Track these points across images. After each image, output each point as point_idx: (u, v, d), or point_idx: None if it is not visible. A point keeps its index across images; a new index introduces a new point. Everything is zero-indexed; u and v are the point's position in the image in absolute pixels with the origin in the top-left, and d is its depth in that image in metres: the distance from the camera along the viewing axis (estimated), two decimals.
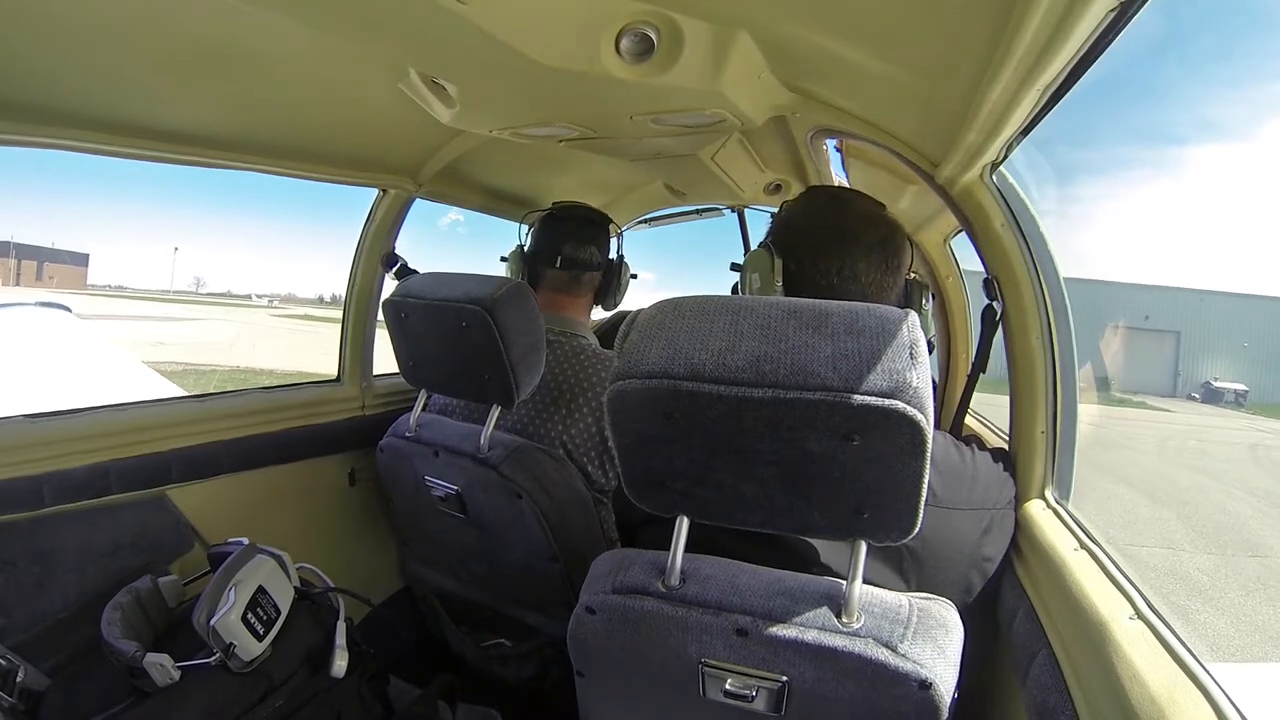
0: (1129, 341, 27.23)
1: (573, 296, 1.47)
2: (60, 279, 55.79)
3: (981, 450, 0.89)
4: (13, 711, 0.85)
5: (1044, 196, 0.92)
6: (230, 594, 0.91)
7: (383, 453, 1.33)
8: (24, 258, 55.81)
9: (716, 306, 0.63)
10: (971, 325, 1.82)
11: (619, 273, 1.54)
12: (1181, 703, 0.52)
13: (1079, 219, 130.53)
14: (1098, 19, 0.52)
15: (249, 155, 1.23)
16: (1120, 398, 22.82)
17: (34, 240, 67.66)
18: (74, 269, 60.15)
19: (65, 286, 52.39)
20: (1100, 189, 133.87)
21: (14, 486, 1.04)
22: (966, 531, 0.80)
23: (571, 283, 1.46)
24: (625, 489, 0.69)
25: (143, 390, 3.66)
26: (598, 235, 1.50)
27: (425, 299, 1.20)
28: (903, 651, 0.60)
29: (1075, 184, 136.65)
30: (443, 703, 1.21)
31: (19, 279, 52.80)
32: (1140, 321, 27.12)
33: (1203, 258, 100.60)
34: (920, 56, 0.76)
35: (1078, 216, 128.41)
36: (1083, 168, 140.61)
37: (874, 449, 0.57)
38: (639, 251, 1.77)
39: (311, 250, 31.84)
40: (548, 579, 1.22)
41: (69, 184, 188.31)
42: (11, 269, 53.24)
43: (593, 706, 0.79)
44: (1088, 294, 25.96)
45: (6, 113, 0.94)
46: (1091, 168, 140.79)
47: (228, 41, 0.85)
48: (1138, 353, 27.03)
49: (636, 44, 0.77)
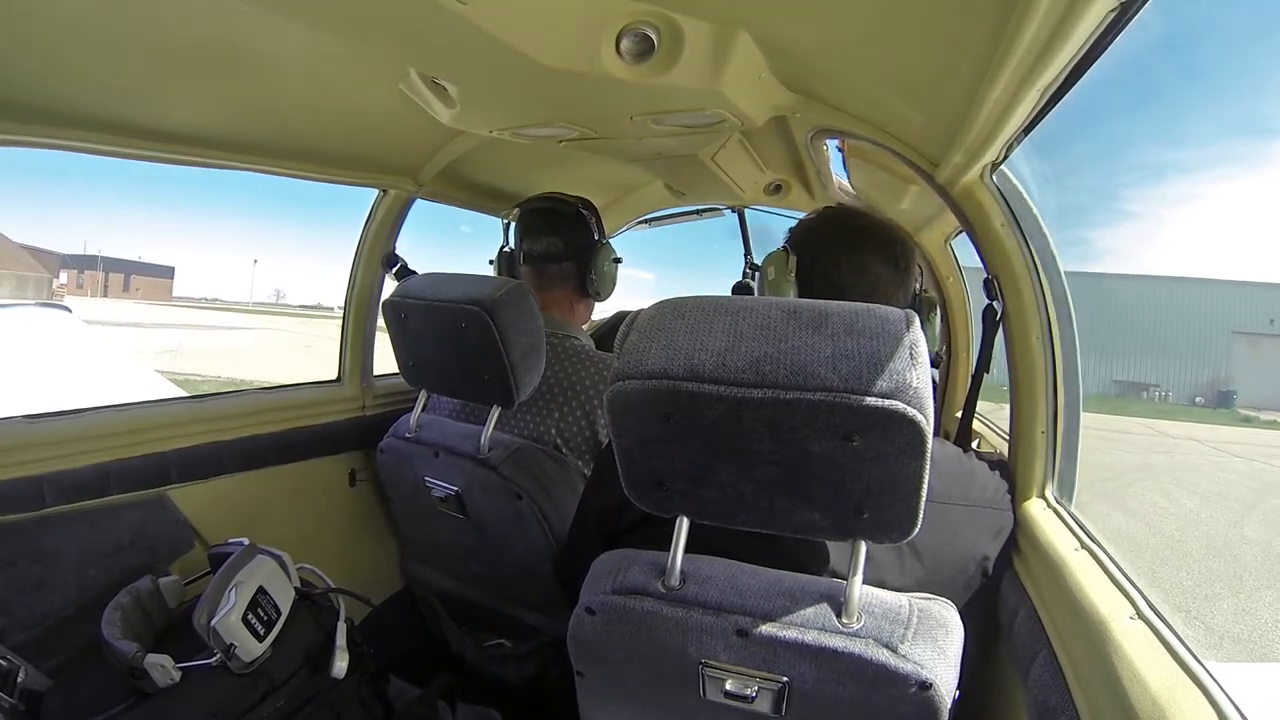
0: (1256, 348, 22.55)
1: (547, 292, 1.41)
2: (145, 291, 57.02)
3: (979, 456, 0.90)
4: (13, 712, 0.85)
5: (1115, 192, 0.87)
6: (231, 594, 0.91)
7: (383, 454, 1.33)
8: (111, 270, 57.33)
9: (716, 307, 0.63)
10: (972, 325, 1.83)
11: (594, 257, 1.41)
12: (1182, 703, 0.51)
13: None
14: (1098, 19, 0.52)
15: (249, 156, 1.23)
16: (1246, 415, 18.78)
17: (122, 254, 69.89)
18: (159, 281, 61.50)
19: (151, 298, 53.66)
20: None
21: (14, 487, 1.04)
22: (965, 528, 0.80)
23: (539, 277, 1.40)
24: (625, 489, 0.69)
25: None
26: (560, 224, 1.40)
27: (425, 300, 1.20)
28: (903, 652, 0.60)
29: (1166, 182, 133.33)
30: (443, 703, 1.21)
31: (107, 291, 54.13)
32: (1266, 327, 22.86)
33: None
34: (920, 57, 0.76)
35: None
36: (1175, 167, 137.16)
37: (874, 449, 0.57)
38: (639, 252, 1.77)
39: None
40: (548, 579, 1.22)
41: (157, 195, 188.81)
42: (100, 281, 54.58)
43: (592, 707, 0.79)
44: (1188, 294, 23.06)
45: (7, 113, 0.94)
46: (1185, 166, 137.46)
47: (228, 42, 0.85)
48: (1268, 361, 22.38)
49: (637, 44, 0.77)
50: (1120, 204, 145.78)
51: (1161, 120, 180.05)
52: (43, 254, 50.31)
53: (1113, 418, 15.01)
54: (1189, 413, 19.67)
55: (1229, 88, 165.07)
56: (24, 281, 41.15)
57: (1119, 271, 51.70)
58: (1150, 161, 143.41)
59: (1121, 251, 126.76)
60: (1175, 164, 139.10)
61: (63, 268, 53.34)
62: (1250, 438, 14.22)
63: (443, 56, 0.82)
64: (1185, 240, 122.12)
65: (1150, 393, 23.11)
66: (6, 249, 43.59)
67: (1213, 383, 22.82)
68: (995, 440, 1.58)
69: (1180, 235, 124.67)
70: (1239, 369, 22.69)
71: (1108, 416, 14.72)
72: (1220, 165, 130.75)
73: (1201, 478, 9.57)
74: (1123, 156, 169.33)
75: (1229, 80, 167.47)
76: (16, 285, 40.05)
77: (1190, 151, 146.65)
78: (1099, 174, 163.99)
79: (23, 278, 41.55)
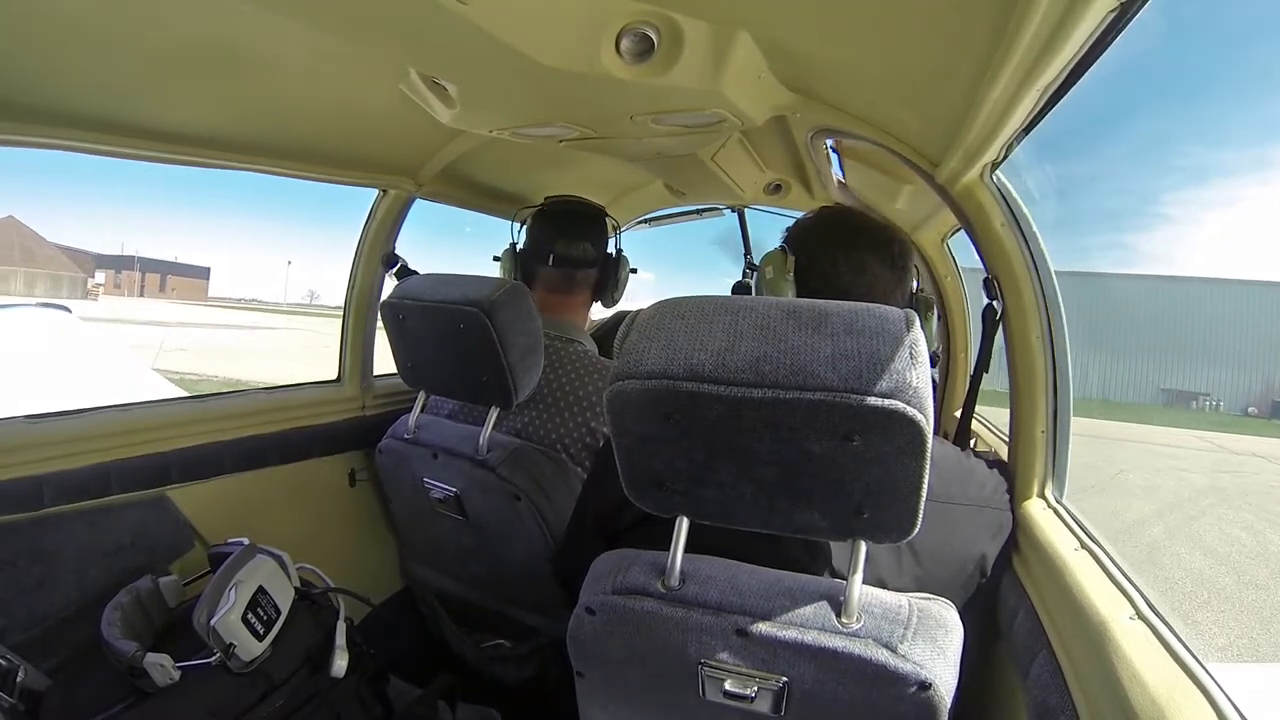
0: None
1: (568, 295, 1.42)
2: (181, 291, 58.21)
3: (976, 455, 0.90)
4: (13, 712, 0.85)
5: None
6: (230, 594, 0.91)
7: (381, 455, 1.33)
8: (148, 271, 58.83)
9: (716, 307, 0.63)
10: (970, 325, 1.83)
11: (617, 268, 1.47)
12: (1182, 703, 0.51)
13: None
14: (1098, 19, 0.52)
15: (249, 156, 1.23)
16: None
17: (159, 254, 71.45)
18: (195, 281, 62.72)
19: (186, 298, 54.79)
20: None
21: (15, 487, 1.04)
22: (963, 527, 0.80)
23: (565, 281, 1.41)
24: (625, 489, 0.69)
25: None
26: (592, 230, 1.43)
27: (423, 300, 1.19)
28: (902, 652, 0.60)
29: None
30: (442, 703, 1.21)
31: (143, 290, 55.45)
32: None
33: None
34: (920, 56, 0.76)
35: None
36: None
37: (874, 449, 0.57)
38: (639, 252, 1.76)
39: (433, 265, 32.33)
40: (547, 580, 1.21)
41: (195, 197, 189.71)
42: (136, 281, 56.04)
43: (592, 707, 0.79)
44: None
45: (7, 113, 0.94)
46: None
47: (228, 42, 0.85)
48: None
49: (637, 44, 0.77)
50: (1159, 207, 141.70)
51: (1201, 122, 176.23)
52: (78, 254, 52.06)
53: (1167, 430, 13.54)
54: (1243, 424, 17.93)
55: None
56: (58, 280, 42.37)
57: (1161, 273, 48.54)
58: (1190, 164, 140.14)
59: (1162, 256, 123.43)
60: (1218, 166, 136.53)
61: (98, 267, 54.74)
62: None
63: (443, 56, 0.82)
64: (1227, 241, 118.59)
65: (1200, 402, 21.78)
66: (42, 249, 45.00)
67: (1266, 392, 21.34)
68: (992, 440, 1.58)
69: (1220, 236, 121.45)
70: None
71: (1162, 429, 13.16)
72: (1263, 168, 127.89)
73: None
74: (1163, 158, 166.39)
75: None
76: (51, 284, 41.16)
77: (1231, 153, 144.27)
78: (1139, 177, 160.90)
79: (57, 277, 42.75)
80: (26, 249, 43.24)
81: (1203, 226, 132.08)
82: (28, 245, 43.64)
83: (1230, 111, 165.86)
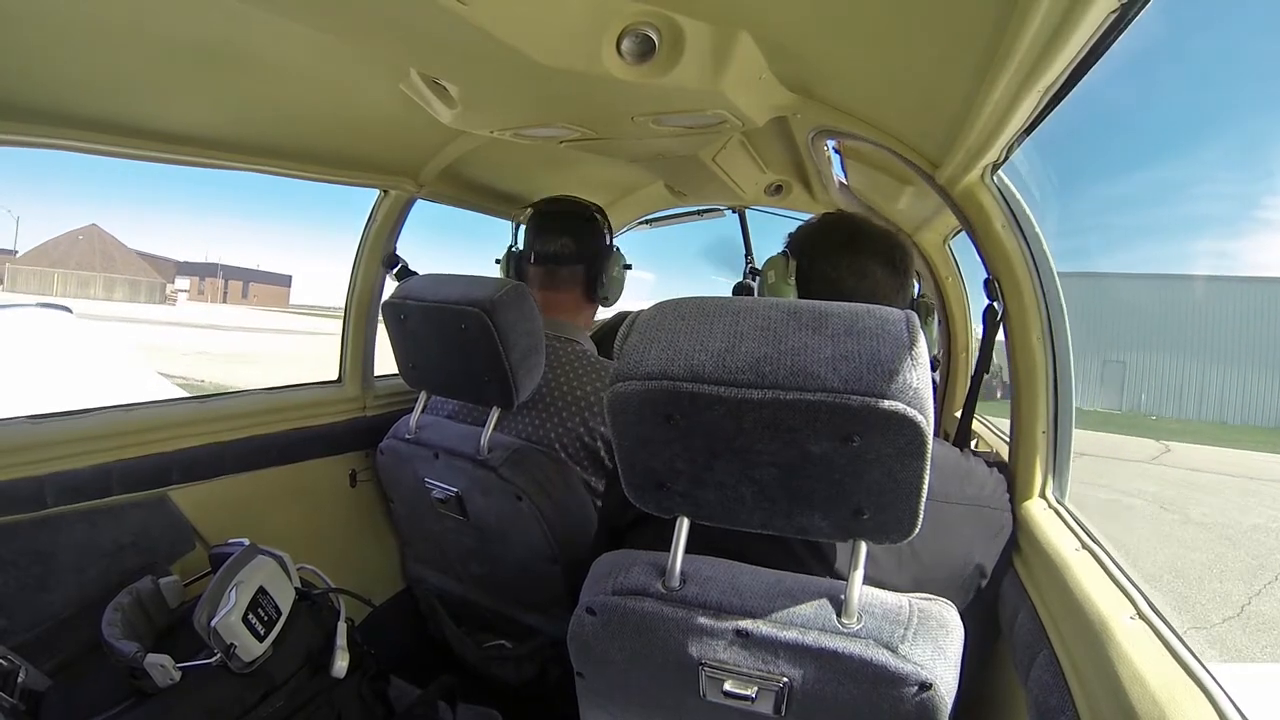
0: None
1: (555, 292, 1.41)
2: (262, 297, 59.25)
3: (976, 455, 0.90)
4: (13, 712, 0.85)
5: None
6: (231, 595, 0.91)
7: (382, 455, 1.33)
8: (231, 278, 59.86)
9: (716, 307, 0.63)
10: (971, 326, 1.83)
11: (604, 262, 1.43)
12: (1182, 703, 0.51)
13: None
14: (1098, 20, 0.52)
15: (249, 156, 1.23)
16: None
17: (241, 262, 73.29)
18: (276, 289, 63.60)
19: (268, 304, 55.96)
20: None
21: (16, 487, 1.04)
22: (963, 527, 0.80)
23: (549, 277, 1.41)
24: (625, 490, 0.69)
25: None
26: (574, 226, 1.42)
27: (424, 301, 1.19)
28: (903, 653, 0.60)
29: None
30: (443, 703, 1.21)
31: (226, 297, 56.58)
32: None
33: None
34: (920, 57, 0.76)
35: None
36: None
37: (874, 450, 0.57)
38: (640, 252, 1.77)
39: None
40: (548, 580, 1.21)
41: (278, 206, 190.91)
42: (220, 288, 57.34)
43: (592, 707, 0.79)
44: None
45: (7, 113, 0.94)
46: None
47: (228, 42, 0.85)
48: None
49: (638, 45, 0.77)
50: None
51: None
52: (159, 261, 53.47)
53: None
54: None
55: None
56: (137, 286, 43.94)
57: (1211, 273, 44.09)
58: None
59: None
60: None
61: (179, 274, 55.93)
62: None
63: (443, 57, 0.82)
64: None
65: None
66: (122, 255, 46.47)
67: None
68: (993, 440, 1.58)
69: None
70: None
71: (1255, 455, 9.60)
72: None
73: None
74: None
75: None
76: (130, 289, 42.84)
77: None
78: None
79: (135, 282, 44.21)
80: (107, 254, 44.59)
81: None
82: (108, 251, 45.04)
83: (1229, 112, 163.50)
